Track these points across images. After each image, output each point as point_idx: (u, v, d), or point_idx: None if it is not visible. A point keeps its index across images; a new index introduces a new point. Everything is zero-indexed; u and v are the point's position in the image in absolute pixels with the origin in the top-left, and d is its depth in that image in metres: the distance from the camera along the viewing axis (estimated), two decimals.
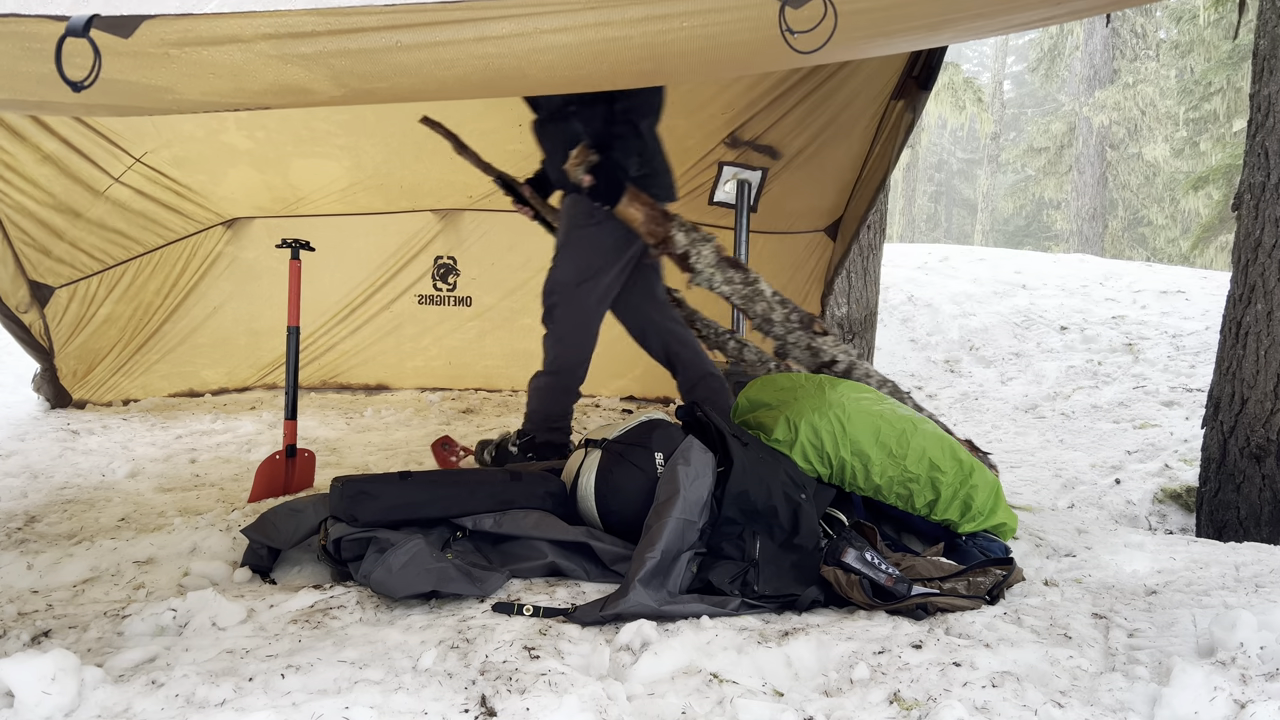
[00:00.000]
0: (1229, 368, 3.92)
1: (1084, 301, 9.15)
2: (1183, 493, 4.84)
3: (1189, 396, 6.66)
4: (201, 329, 5.49)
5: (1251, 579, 2.35)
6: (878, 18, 1.91)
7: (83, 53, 1.64)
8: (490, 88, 2.15)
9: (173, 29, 1.70)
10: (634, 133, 3.16)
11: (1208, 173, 12.37)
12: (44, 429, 4.51)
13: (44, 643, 1.95)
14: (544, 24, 1.77)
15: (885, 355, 8.01)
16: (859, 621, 2.06)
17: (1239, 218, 3.98)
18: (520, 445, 3.44)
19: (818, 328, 3.21)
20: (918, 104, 3.99)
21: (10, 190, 4.41)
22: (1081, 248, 19.80)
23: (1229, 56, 12.82)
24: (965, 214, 36.08)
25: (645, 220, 3.15)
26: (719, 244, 3.24)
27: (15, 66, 1.77)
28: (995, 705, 1.62)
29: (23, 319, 4.76)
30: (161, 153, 4.74)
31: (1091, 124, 20.35)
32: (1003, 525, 2.60)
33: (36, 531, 2.88)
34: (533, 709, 1.55)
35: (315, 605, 2.12)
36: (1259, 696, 1.59)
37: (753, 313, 3.23)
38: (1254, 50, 4.04)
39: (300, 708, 1.54)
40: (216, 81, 1.86)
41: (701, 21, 1.78)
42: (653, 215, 3.16)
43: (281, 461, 3.25)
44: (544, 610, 2.05)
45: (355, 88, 1.98)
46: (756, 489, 2.37)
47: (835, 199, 4.82)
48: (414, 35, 1.79)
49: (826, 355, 3.17)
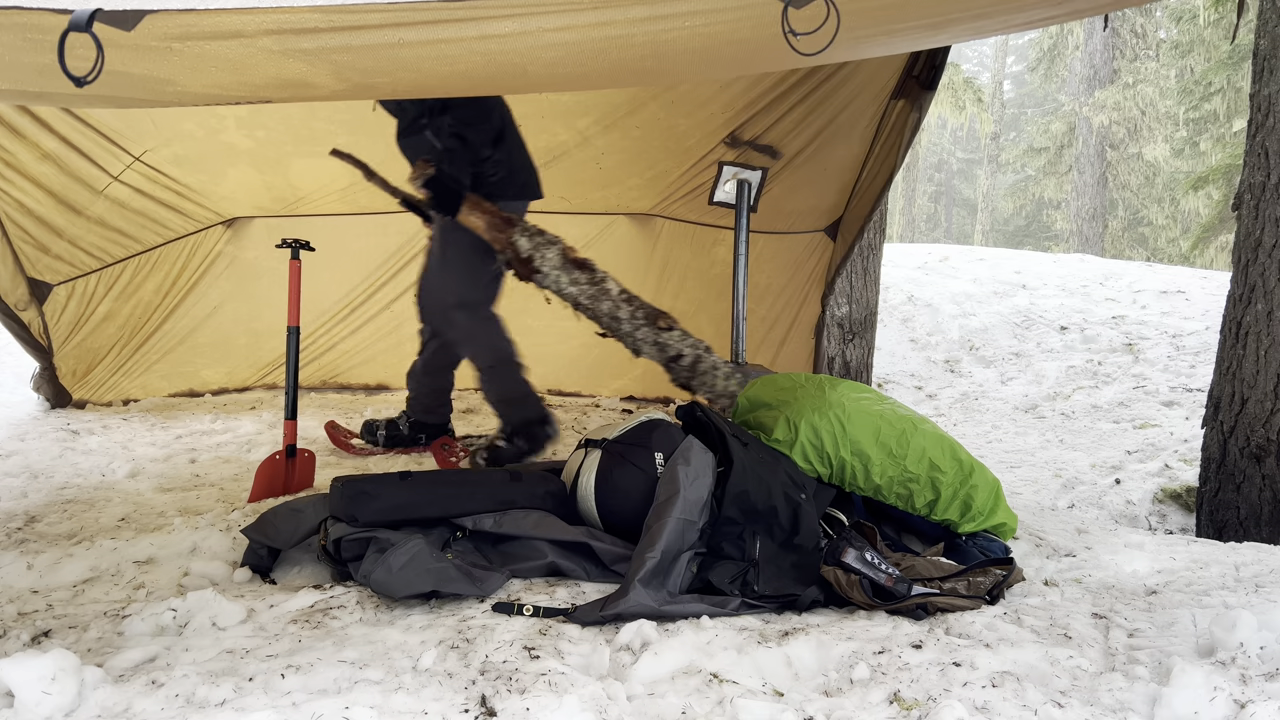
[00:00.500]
0: (1229, 368, 3.92)
1: (1084, 301, 9.15)
2: (1183, 493, 4.84)
3: (1189, 396, 6.67)
4: (201, 329, 5.49)
5: (1251, 579, 2.35)
6: (880, 17, 1.91)
7: (86, 48, 1.64)
8: (492, 84, 2.16)
9: (175, 23, 1.70)
10: (461, 144, 3.27)
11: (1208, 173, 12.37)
12: (44, 429, 4.51)
13: (44, 643, 1.95)
14: (546, 23, 1.78)
15: (885, 355, 8.01)
16: (859, 621, 2.06)
17: (1239, 218, 3.98)
18: (506, 437, 3.58)
19: (663, 323, 3.27)
20: (922, 104, 3.98)
21: (9, 188, 4.41)
22: (1081, 248, 19.80)
23: (1229, 56, 12.82)
24: (965, 214, 36.08)
25: (487, 228, 3.24)
26: (565, 245, 3.31)
27: (16, 58, 1.77)
28: (995, 705, 1.62)
29: (21, 317, 4.76)
30: (161, 151, 4.74)
31: (1091, 124, 20.34)
32: (1003, 525, 2.60)
33: (36, 531, 2.88)
34: (533, 709, 1.55)
35: (315, 605, 2.12)
36: (1259, 696, 1.59)
37: (599, 312, 3.28)
38: (1254, 50, 4.04)
39: (300, 708, 1.54)
40: (218, 75, 1.86)
41: (704, 21, 1.78)
42: (494, 222, 3.24)
43: (281, 461, 3.25)
44: (544, 610, 2.05)
45: (357, 82, 1.98)
46: (756, 489, 2.37)
47: (835, 199, 4.82)
48: (416, 33, 1.79)
49: (673, 349, 3.20)
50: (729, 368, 3.22)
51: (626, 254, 5.72)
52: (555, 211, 5.63)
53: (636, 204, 5.49)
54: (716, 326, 5.46)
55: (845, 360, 5.61)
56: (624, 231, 5.66)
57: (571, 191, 5.48)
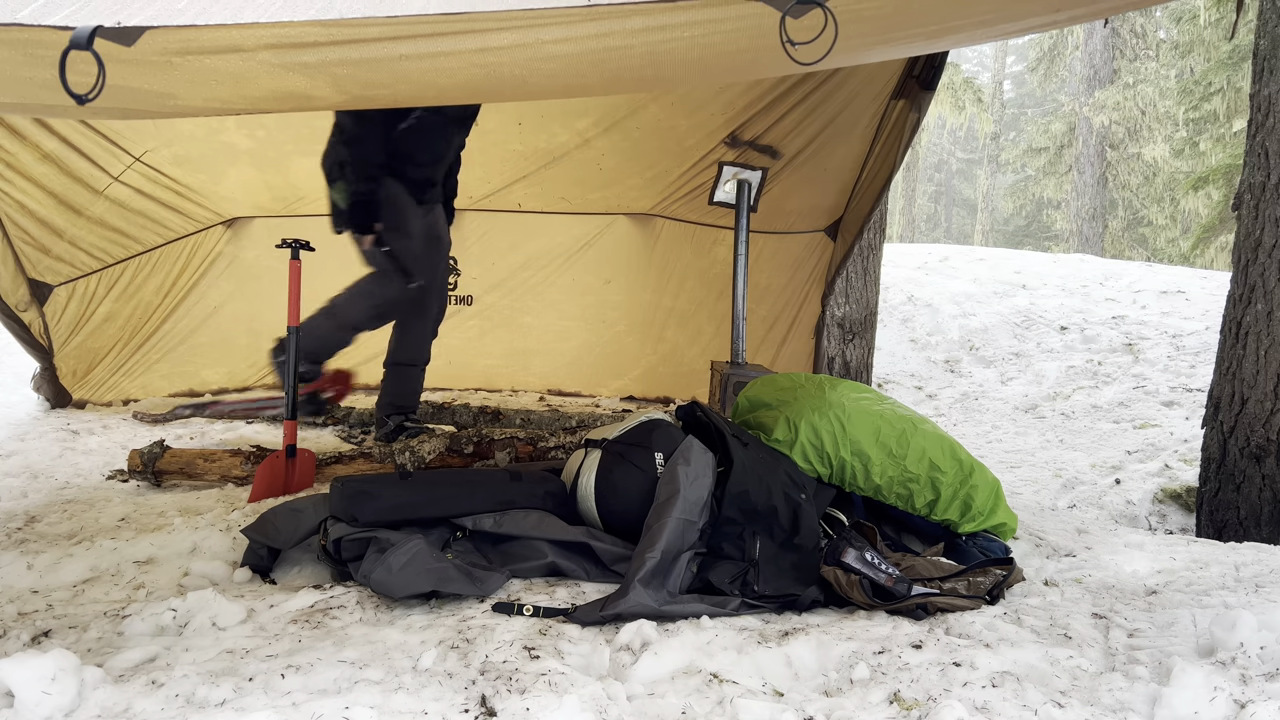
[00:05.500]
0: (1229, 368, 3.92)
1: (1084, 301, 9.15)
2: (1183, 493, 4.84)
3: (1189, 396, 6.67)
4: (201, 329, 5.49)
5: (1251, 579, 2.35)
6: (878, 25, 1.90)
7: (86, 64, 1.64)
8: (491, 94, 2.16)
9: (175, 39, 1.70)
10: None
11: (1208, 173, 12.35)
12: (44, 429, 4.51)
13: (44, 643, 1.95)
14: (545, 35, 1.77)
15: (885, 355, 8.01)
16: (859, 621, 2.06)
17: (1239, 218, 3.98)
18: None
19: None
20: (922, 104, 3.98)
21: (10, 189, 4.41)
22: (1081, 248, 19.81)
23: (1229, 56, 12.81)
24: (965, 214, 36.08)
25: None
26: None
27: (18, 72, 1.78)
28: (995, 705, 1.62)
29: (22, 317, 4.76)
30: (161, 152, 4.74)
31: (1091, 124, 20.34)
32: (1003, 525, 2.60)
33: (36, 531, 2.88)
34: (533, 709, 1.55)
35: (315, 605, 2.12)
36: (1259, 696, 1.59)
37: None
38: (1254, 50, 4.04)
39: (300, 708, 1.54)
40: (218, 88, 1.87)
41: (702, 31, 1.78)
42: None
43: (281, 461, 3.25)
44: (544, 610, 2.05)
45: (356, 94, 1.98)
46: (756, 489, 2.36)
47: (835, 199, 4.82)
48: (416, 45, 1.79)
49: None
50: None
51: (626, 254, 5.72)
52: (555, 211, 5.65)
53: (636, 204, 5.50)
54: (716, 326, 5.47)
55: (845, 360, 5.61)
56: (624, 231, 5.67)
57: (571, 192, 5.48)
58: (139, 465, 3.42)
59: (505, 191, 5.47)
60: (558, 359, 5.94)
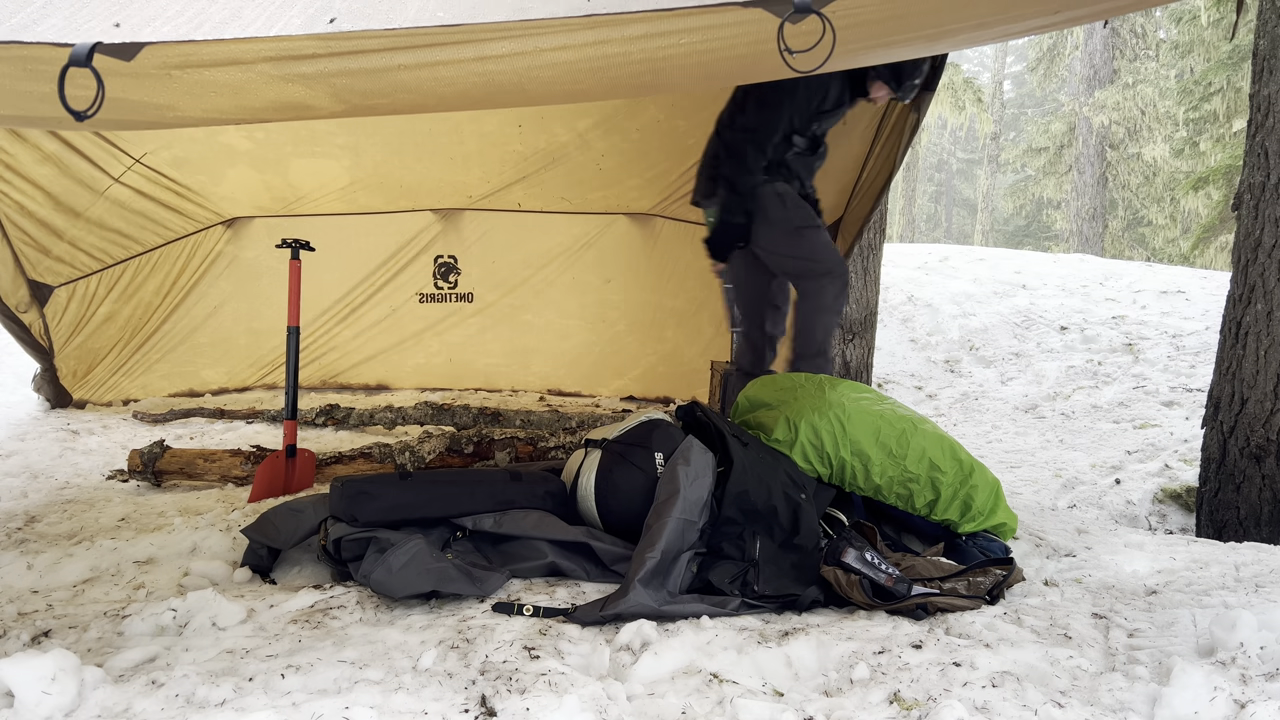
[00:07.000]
0: (1229, 368, 3.92)
1: (1084, 301, 9.15)
2: (1183, 493, 4.84)
3: (1189, 396, 6.66)
4: (201, 328, 5.49)
5: (1251, 579, 2.35)
6: (876, 31, 1.90)
7: (85, 79, 1.64)
8: (490, 101, 2.16)
9: (174, 53, 1.70)
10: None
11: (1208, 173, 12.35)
12: (44, 429, 4.51)
13: (44, 643, 1.95)
14: (543, 43, 1.77)
15: (885, 355, 8.01)
16: (859, 621, 2.06)
17: (1239, 218, 3.98)
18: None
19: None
20: (922, 104, 3.98)
21: (10, 190, 4.41)
22: (1081, 248, 19.81)
23: (1229, 56, 12.81)
24: (965, 214, 36.07)
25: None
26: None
27: (17, 86, 1.78)
28: (995, 705, 1.62)
29: (22, 318, 4.77)
30: (161, 153, 4.74)
31: (1091, 124, 20.34)
32: (1003, 525, 2.60)
33: (36, 531, 2.88)
34: (533, 709, 1.55)
35: (315, 605, 2.12)
36: (1259, 696, 1.59)
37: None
38: (1254, 50, 4.03)
39: (300, 708, 1.54)
40: (218, 99, 1.87)
41: (701, 38, 1.78)
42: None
43: (281, 461, 3.26)
44: (544, 610, 2.05)
45: (356, 104, 1.99)
46: (756, 489, 2.36)
47: (835, 199, 4.82)
48: (414, 56, 1.79)
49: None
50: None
51: (626, 254, 5.72)
52: (556, 211, 5.65)
53: (636, 204, 5.50)
54: (716, 326, 5.48)
55: (845, 360, 5.61)
56: (624, 231, 5.67)
57: (572, 192, 5.49)
58: (139, 465, 3.42)
59: (505, 191, 5.48)
60: (558, 358, 5.95)
